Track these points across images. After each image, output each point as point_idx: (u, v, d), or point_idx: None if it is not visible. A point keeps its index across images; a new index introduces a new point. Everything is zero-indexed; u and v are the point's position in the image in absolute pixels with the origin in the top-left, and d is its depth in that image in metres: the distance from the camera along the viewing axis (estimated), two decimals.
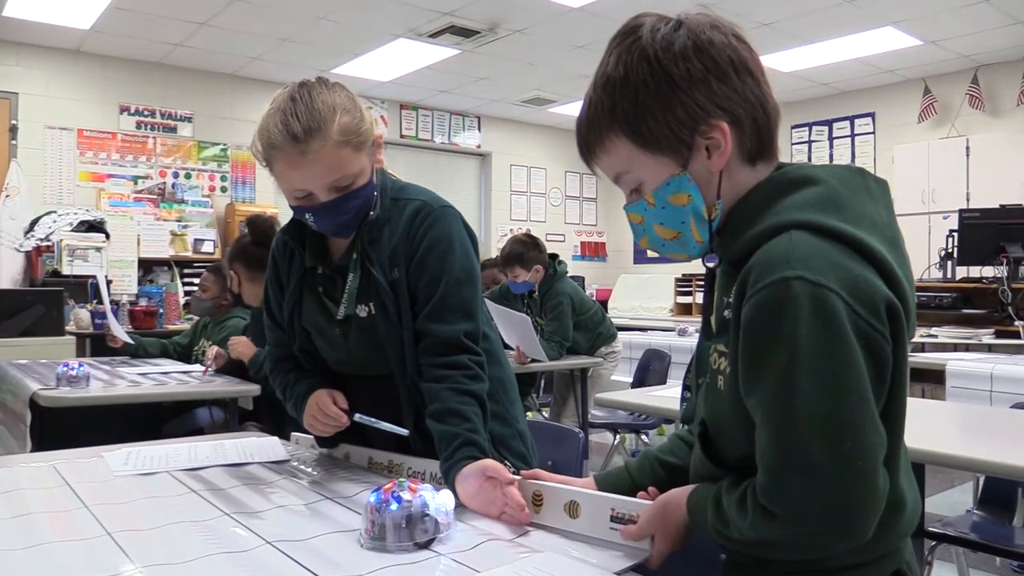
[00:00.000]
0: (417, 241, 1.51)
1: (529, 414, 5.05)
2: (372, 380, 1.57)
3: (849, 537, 0.89)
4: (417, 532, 1.06)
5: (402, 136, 8.38)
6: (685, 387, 1.23)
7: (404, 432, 1.46)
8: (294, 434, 1.81)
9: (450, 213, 1.56)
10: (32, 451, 2.49)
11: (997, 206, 5.29)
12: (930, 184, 6.88)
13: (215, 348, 3.29)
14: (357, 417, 1.49)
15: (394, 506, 1.06)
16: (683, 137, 1.00)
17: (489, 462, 1.28)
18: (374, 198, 1.52)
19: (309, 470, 1.54)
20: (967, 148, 6.81)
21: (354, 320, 1.53)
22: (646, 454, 1.27)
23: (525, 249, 4.08)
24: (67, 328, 4.71)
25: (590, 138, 1.06)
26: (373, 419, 1.47)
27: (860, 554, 0.95)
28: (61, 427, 2.64)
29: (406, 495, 1.07)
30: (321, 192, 1.42)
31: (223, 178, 7.36)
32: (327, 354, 1.61)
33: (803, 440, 0.87)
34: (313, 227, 1.51)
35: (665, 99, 0.99)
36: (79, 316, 4.88)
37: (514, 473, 1.25)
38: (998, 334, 4.54)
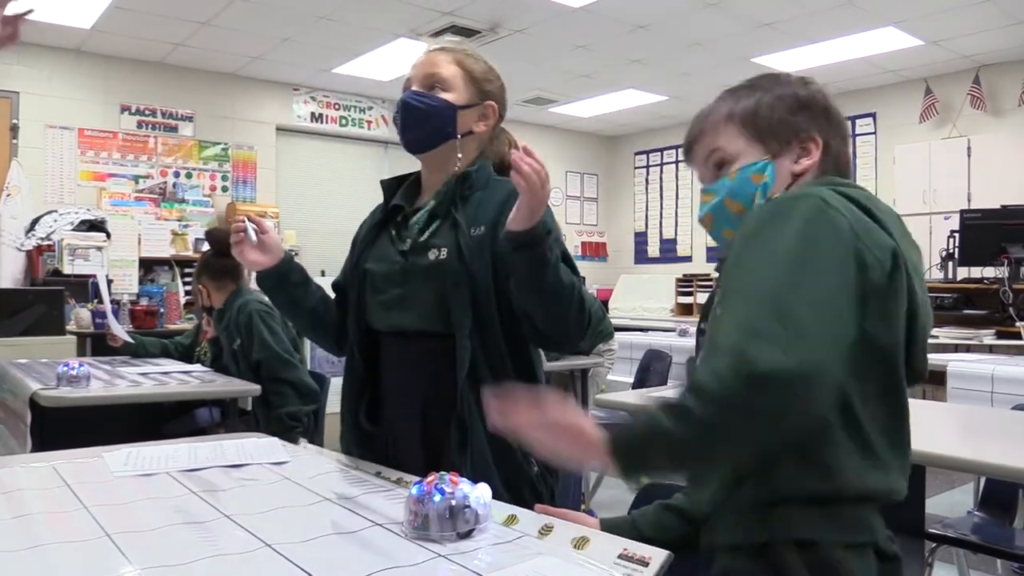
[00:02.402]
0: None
1: None
2: (416, 342, 1.57)
3: (809, 404, 0.94)
4: (459, 523, 1.11)
5: None
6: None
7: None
8: (302, 440, 1.81)
9: None
10: (32, 451, 2.49)
11: (998, 207, 5.28)
12: (931, 184, 6.88)
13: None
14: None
15: (437, 497, 1.11)
16: (784, 134, 1.21)
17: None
18: (455, 138, 1.61)
19: (309, 472, 1.54)
20: (968, 148, 6.80)
21: (422, 261, 1.55)
22: (655, 505, 1.33)
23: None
24: (68, 328, 4.70)
25: (706, 122, 1.26)
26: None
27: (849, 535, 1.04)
28: (61, 427, 2.64)
29: (448, 487, 1.12)
30: (416, 81, 1.62)
31: (224, 178, 7.36)
32: (377, 295, 1.62)
33: (781, 293, 0.97)
34: (399, 130, 1.62)
35: (786, 106, 1.21)
36: (80, 315, 4.88)
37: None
38: (999, 335, 4.54)
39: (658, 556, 0.98)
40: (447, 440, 1.52)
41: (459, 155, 1.61)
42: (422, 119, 1.59)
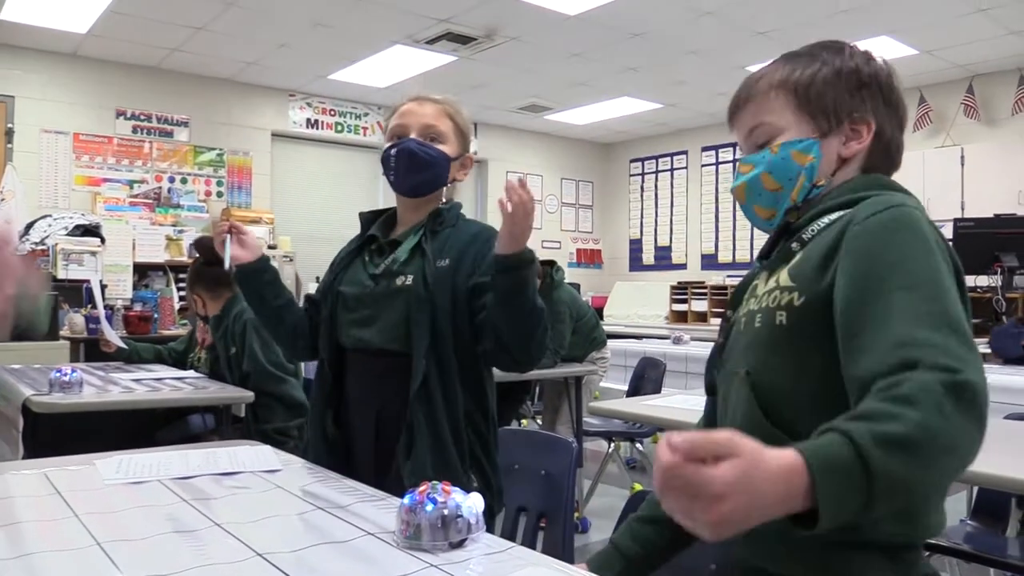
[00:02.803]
0: (481, 240, 1.72)
1: (524, 422, 5.07)
2: (377, 359, 1.70)
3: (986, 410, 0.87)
4: (451, 532, 1.11)
5: None
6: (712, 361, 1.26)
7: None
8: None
9: None
10: (24, 457, 2.49)
11: (992, 215, 5.31)
12: (925, 193, 6.89)
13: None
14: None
15: (429, 507, 1.11)
16: (837, 113, 1.14)
17: None
18: (448, 191, 1.80)
19: (302, 480, 1.53)
20: (962, 157, 6.83)
21: (390, 285, 1.70)
22: (628, 522, 1.29)
23: None
24: (61, 333, 4.69)
25: (755, 87, 1.19)
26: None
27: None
28: (53, 433, 2.63)
29: (440, 497, 1.12)
30: (415, 130, 1.75)
31: (219, 183, 7.36)
32: (349, 313, 1.75)
33: (958, 317, 0.90)
34: (391, 172, 1.74)
35: (842, 81, 1.14)
36: (73, 321, 4.87)
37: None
38: None
39: None
40: (397, 448, 1.65)
41: (443, 200, 1.80)
42: (424, 167, 1.74)
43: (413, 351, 1.63)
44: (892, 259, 0.95)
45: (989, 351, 4.30)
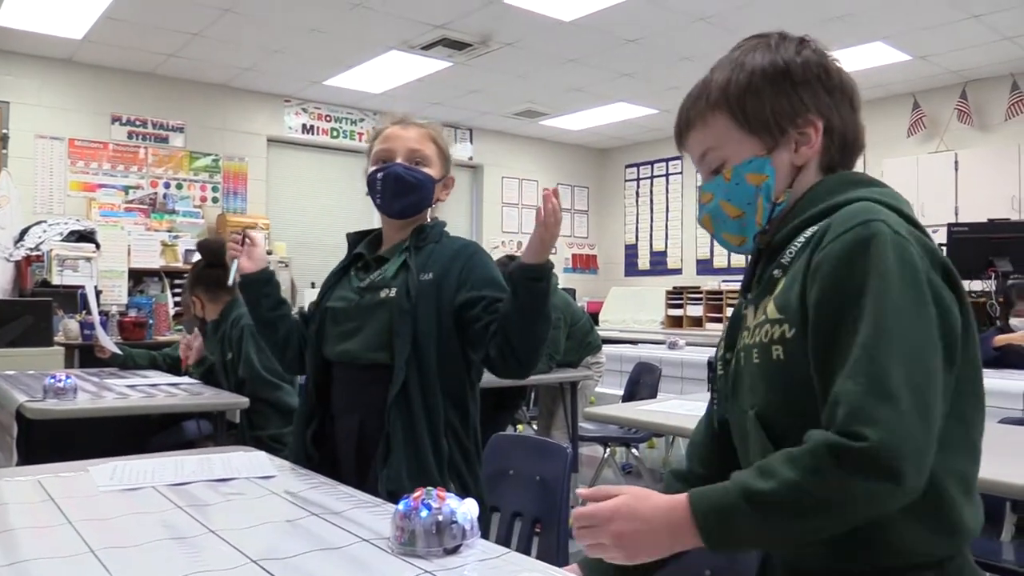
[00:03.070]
0: (465, 255, 1.79)
1: (520, 427, 5.07)
2: (361, 370, 1.74)
3: (908, 481, 0.86)
4: (446, 538, 1.11)
5: None
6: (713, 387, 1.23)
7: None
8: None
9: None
10: (18, 464, 2.48)
11: (985, 220, 5.33)
12: (919, 198, 6.92)
13: (186, 339, 3.43)
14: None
15: (424, 513, 1.11)
16: (780, 124, 1.09)
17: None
18: (432, 211, 1.86)
19: (296, 486, 1.53)
20: (956, 163, 6.85)
21: (374, 298, 1.75)
22: None
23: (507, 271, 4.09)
24: (56, 339, 4.68)
25: (692, 111, 1.16)
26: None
27: None
28: (48, 439, 2.63)
29: (435, 503, 1.13)
30: (401, 154, 1.81)
31: (214, 189, 7.35)
32: (336, 327, 1.80)
33: (886, 365, 0.88)
34: (378, 195, 1.81)
35: (777, 86, 1.09)
36: (68, 327, 4.86)
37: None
38: None
39: None
40: (376, 454, 1.69)
41: (428, 219, 1.87)
42: (411, 190, 1.80)
43: (394, 359, 1.67)
44: (845, 297, 0.93)
45: None
